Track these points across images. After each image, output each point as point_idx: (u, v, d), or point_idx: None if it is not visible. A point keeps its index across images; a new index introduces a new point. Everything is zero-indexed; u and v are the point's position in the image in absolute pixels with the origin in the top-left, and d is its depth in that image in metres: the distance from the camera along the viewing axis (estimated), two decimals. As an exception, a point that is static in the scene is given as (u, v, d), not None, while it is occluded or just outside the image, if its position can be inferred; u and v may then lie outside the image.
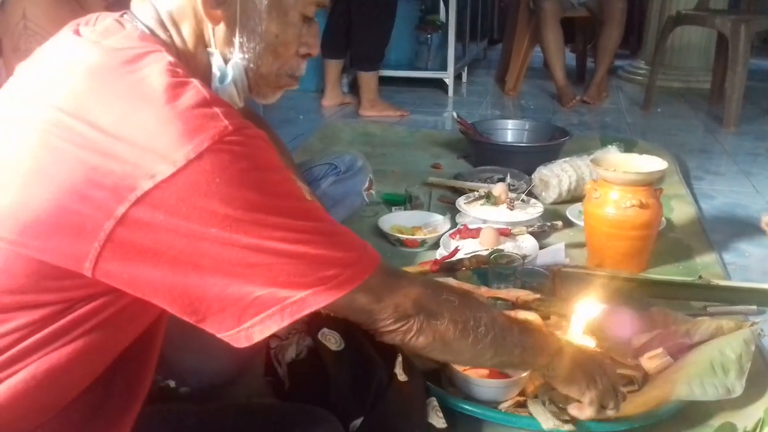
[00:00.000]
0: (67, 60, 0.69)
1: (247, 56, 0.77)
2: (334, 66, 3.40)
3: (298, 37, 0.79)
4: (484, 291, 1.39)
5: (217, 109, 0.64)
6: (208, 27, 0.75)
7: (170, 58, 0.68)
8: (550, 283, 1.48)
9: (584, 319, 1.20)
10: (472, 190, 2.04)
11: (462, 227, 1.76)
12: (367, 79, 3.30)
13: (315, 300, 0.68)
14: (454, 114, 2.59)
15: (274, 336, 1.23)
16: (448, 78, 3.82)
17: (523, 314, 1.29)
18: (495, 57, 4.77)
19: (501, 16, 5.50)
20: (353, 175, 1.72)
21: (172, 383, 1.18)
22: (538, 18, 3.59)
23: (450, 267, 1.56)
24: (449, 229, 1.79)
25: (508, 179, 2.11)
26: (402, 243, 1.77)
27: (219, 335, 0.69)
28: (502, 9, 5.54)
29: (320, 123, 3.14)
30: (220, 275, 0.65)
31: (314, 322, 1.22)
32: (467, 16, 4.39)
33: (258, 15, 0.75)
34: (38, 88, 0.68)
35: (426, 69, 3.97)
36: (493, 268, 1.51)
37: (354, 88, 3.59)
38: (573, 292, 1.39)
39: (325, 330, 1.17)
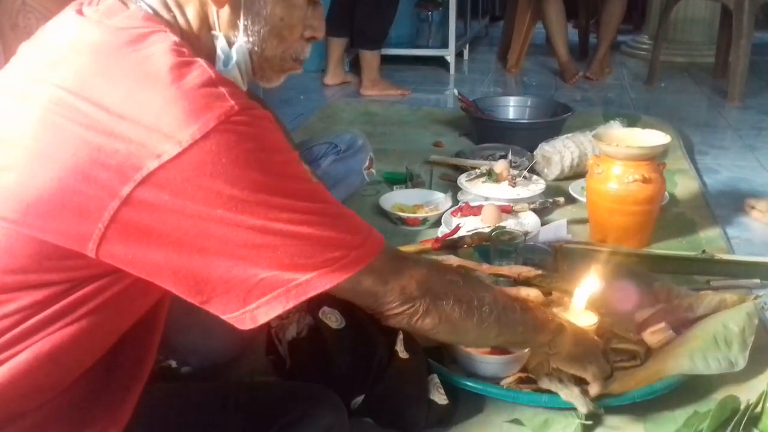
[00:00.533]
0: (71, 39, 0.68)
1: (251, 39, 0.76)
2: (337, 44, 3.37)
3: (303, 20, 0.79)
4: (485, 268, 1.39)
5: (223, 89, 0.64)
6: (212, 9, 0.74)
7: (175, 38, 0.67)
8: (553, 260, 1.48)
9: (587, 295, 1.19)
10: (473, 168, 2.03)
11: (463, 205, 1.75)
12: (369, 59, 3.27)
13: (320, 282, 0.68)
14: (455, 92, 2.57)
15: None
16: (450, 56, 3.79)
17: (525, 291, 1.28)
18: (497, 34, 4.72)
19: (502, -8, 5.44)
20: (353, 154, 1.71)
21: (173, 363, 1.19)
22: (540, -6, 3.55)
23: (452, 244, 1.55)
24: (451, 207, 1.78)
25: (510, 156, 2.09)
26: (403, 221, 1.77)
27: (224, 317, 0.69)
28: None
29: (321, 103, 3.12)
30: (225, 257, 0.65)
31: (315, 300, 1.22)
32: (468, -8, 4.35)
33: None
34: (41, 67, 0.67)
35: (427, 47, 3.93)
36: (494, 245, 1.50)
37: (355, 67, 3.56)
38: (575, 267, 1.38)
39: (325, 308, 1.16)
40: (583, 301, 1.18)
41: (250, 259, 0.65)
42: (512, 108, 2.61)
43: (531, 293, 1.27)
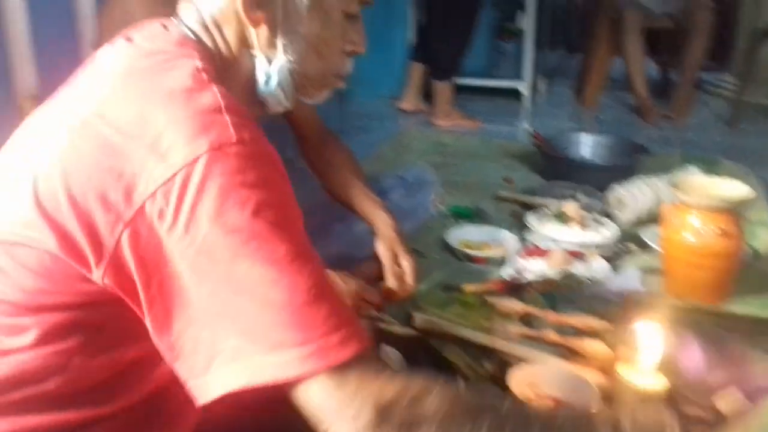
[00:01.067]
0: (109, 65, 0.71)
1: (291, 58, 0.76)
2: (418, 69, 3.40)
3: (342, 35, 0.79)
4: (550, 316, 1.36)
5: (228, 117, 0.63)
6: (250, 30, 0.74)
7: (198, 64, 0.68)
8: (622, 311, 1.43)
9: (656, 353, 1.14)
10: (543, 207, 2.00)
11: (531, 246, 1.72)
12: (442, 89, 3.29)
13: (277, 371, 0.60)
14: (528, 127, 2.54)
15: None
16: (525, 88, 3.76)
17: (590, 343, 1.25)
18: (574, 67, 4.67)
19: (581, 24, 5.36)
20: (421, 189, 1.71)
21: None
22: (619, 28, 3.49)
23: (516, 288, 1.52)
24: (518, 247, 1.76)
25: (582, 197, 2.05)
26: (468, 259, 1.75)
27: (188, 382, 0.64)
28: (582, 18, 5.41)
29: (394, 131, 3.15)
30: (192, 309, 0.62)
31: (375, 338, 1.22)
32: (546, 24, 4.31)
33: (299, 16, 0.74)
34: (80, 92, 0.70)
35: (502, 78, 3.92)
36: (561, 292, 1.47)
37: (429, 96, 3.59)
38: (646, 321, 1.33)
39: (385, 347, 1.16)
40: (652, 360, 1.14)
41: (213, 316, 0.61)
42: (586, 146, 2.56)
43: (596, 347, 1.24)
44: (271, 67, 0.76)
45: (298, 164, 1.57)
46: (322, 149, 1.50)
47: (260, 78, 0.76)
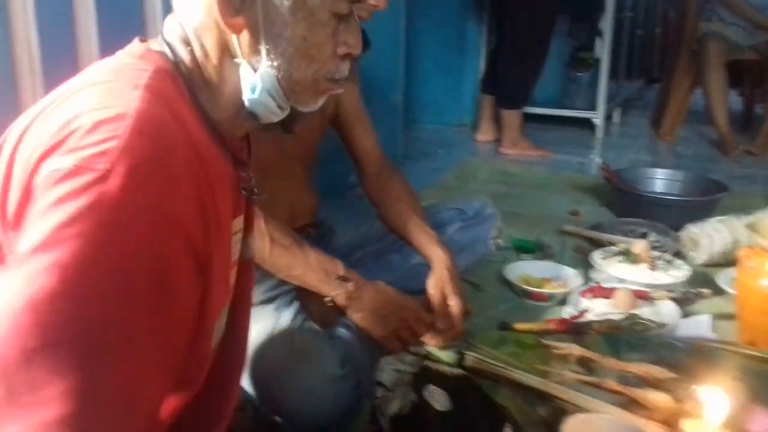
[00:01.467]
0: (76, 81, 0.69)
1: (276, 63, 0.71)
2: (489, 101, 3.37)
3: (332, 37, 0.73)
4: (611, 362, 1.28)
5: (123, 142, 0.58)
6: (232, 37, 0.71)
7: (143, 81, 0.65)
8: (691, 360, 1.33)
9: (725, 411, 1.06)
10: (610, 244, 1.92)
11: (595, 285, 1.65)
12: (510, 117, 3.23)
13: None
14: (599, 158, 2.46)
15: (380, 385, 1.21)
16: (598, 118, 3.66)
17: (653, 395, 1.16)
18: (651, 98, 4.52)
19: (661, 54, 5.21)
20: (481, 222, 1.66)
21: (278, 419, 1.19)
22: (701, 59, 3.35)
23: (577, 329, 1.45)
24: (581, 286, 1.68)
25: (653, 235, 1.95)
26: (527, 295, 1.69)
27: None
28: (662, 47, 5.25)
29: (459, 159, 3.11)
30: None
31: (421, 376, 1.18)
32: (623, 53, 4.20)
33: (282, 19, 0.70)
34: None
35: (574, 108, 3.83)
36: (625, 336, 1.39)
37: (497, 124, 3.54)
38: (716, 373, 1.24)
39: (431, 387, 1.12)
40: (718, 418, 1.05)
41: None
42: (660, 181, 2.46)
43: (660, 399, 1.16)
44: (257, 75, 0.72)
45: (358, 192, 1.56)
46: (380, 179, 1.48)
47: (245, 87, 0.72)
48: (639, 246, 1.77)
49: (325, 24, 0.72)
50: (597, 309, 1.53)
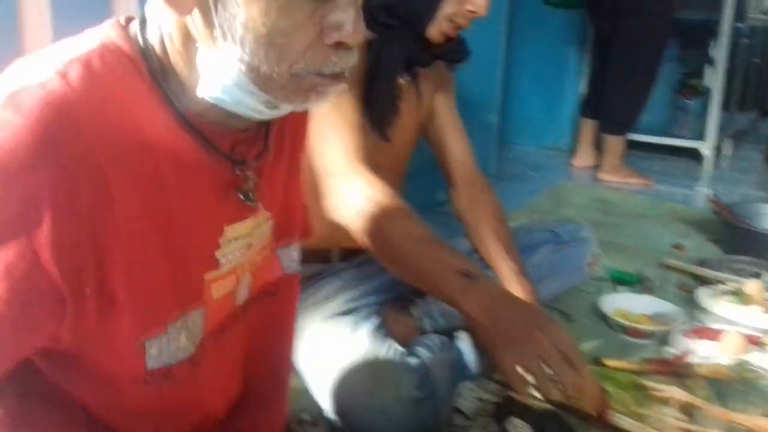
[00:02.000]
0: None
1: (237, 54, 0.58)
2: (589, 125, 3.23)
3: (307, 21, 0.58)
4: (718, 411, 1.15)
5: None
6: (188, 19, 0.60)
7: (66, 58, 0.58)
8: (809, 417, 1.19)
9: None
10: (718, 282, 1.77)
11: (700, 326, 1.51)
12: (613, 143, 3.09)
13: None
14: (707, 190, 2.29)
15: (458, 412, 1.13)
16: (707, 149, 3.44)
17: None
18: (766, 131, 4.23)
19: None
20: (575, 246, 1.56)
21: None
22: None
23: (679, 372, 1.32)
24: (684, 325, 1.54)
25: (767, 276, 1.78)
26: (625, 331, 1.56)
27: None
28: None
29: (554, 182, 2.99)
30: None
31: (504, 406, 1.10)
32: (737, 82, 3.94)
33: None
34: None
35: (681, 137, 3.61)
36: (733, 383, 1.25)
37: (598, 148, 3.38)
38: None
39: (515, 420, 1.04)
40: None
41: None
42: (776, 218, 2.26)
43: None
44: (216, 65, 0.60)
45: (446, 210, 1.50)
46: (471, 195, 1.41)
47: (202, 77, 0.61)
48: (752, 286, 1.62)
49: (293, 5, 0.57)
50: (702, 351, 1.40)
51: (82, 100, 0.56)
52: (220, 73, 0.60)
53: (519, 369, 0.86)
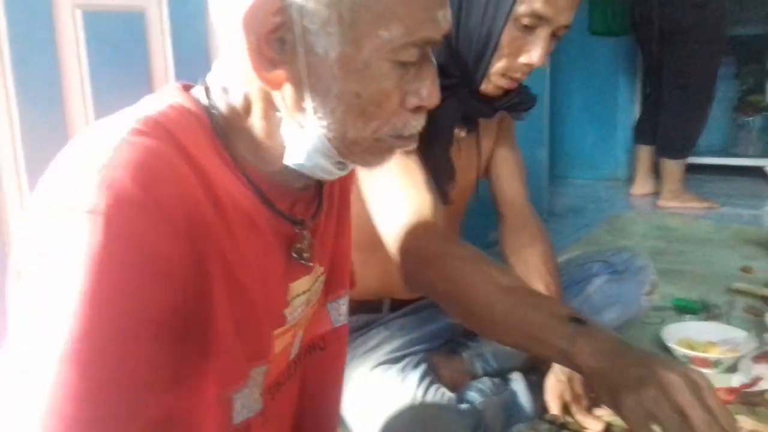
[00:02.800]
0: None
1: (324, 122, 0.60)
2: (646, 151, 3.16)
3: (396, 89, 0.61)
4: (792, 441, 1.08)
5: (102, 175, 0.52)
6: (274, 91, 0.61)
7: (140, 116, 0.58)
8: None
9: None
10: (791, 304, 1.67)
11: (771, 350, 1.42)
12: (672, 168, 3.00)
13: None
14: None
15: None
16: (772, 167, 3.31)
17: None
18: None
19: None
20: (631, 276, 1.50)
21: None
22: None
23: (748, 400, 1.25)
24: (754, 351, 1.46)
25: None
26: (691, 361, 1.49)
27: None
28: None
29: (611, 214, 2.92)
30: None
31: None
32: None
33: (330, 72, 0.58)
34: None
35: (744, 156, 3.49)
36: (811, 411, 1.17)
37: (656, 175, 3.30)
38: None
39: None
40: None
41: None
42: None
43: None
44: (302, 135, 0.62)
45: (497, 250, 1.47)
46: (520, 238, 1.36)
47: (289, 146, 0.63)
48: (827, 306, 1.52)
49: (387, 76, 0.60)
50: (774, 378, 1.32)
51: (167, 155, 0.57)
52: (305, 142, 0.62)
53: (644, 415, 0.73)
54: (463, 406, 1.16)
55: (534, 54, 1.07)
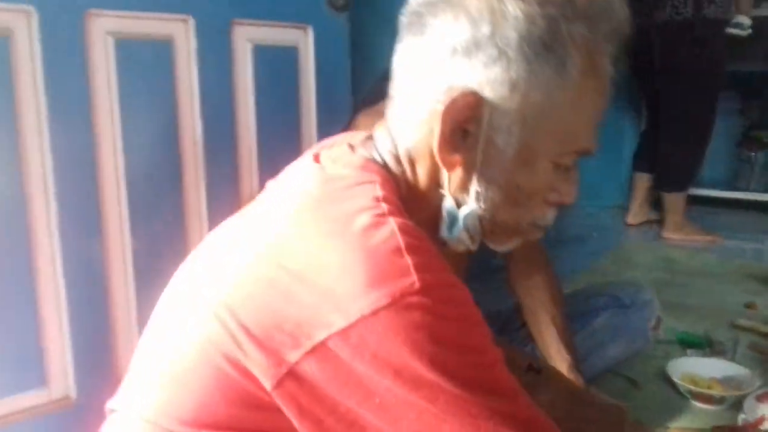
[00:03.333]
0: (294, 184, 0.69)
1: (483, 206, 0.68)
2: (643, 180, 3.18)
3: (548, 186, 0.69)
4: (797, 482, 1.09)
5: (409, 260, 0.57)
6: (443, 171, 0.68)
7: (379, 192, 0.63)
8: None
9: None
10: (794, 342, 1.69)
11: (775, 389, 1.44)
12: (673, 200, 3.02)
13: None
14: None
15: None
16: (776, 201, 3.34)
17: None
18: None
19: None
20: (637, 310, 1.52)
21: None
22: None
23: (753, 439, 1.26)
24: (758, 389, 1.48)
25: None
26: (694, 397, 1.50)
27: None
28: None
29: (615, 242, 2.94)
30: None
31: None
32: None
33: (502, 165, 0.66)
34: (264, 212, 0.69)
35: (747, 190, 3.52)
36: (814, 452, 1.19)
37: (658, 205, 3.32)
38: None
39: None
40: None
41: None
42: None
43: None
44: (460, 212, 0.69)
45: (503, 276, 1.50)
46: (528, 268, 1.38)
47: (445, 220, 0.70)
48: (830, 346, 1.54)
49: (546, 174, 0.68)
50: (778, 417, 1.33)
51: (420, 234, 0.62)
52: (463, 219, 0.69)
53: None
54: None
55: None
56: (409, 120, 0.68)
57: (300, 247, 0.61)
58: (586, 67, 0.64)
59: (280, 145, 1.36)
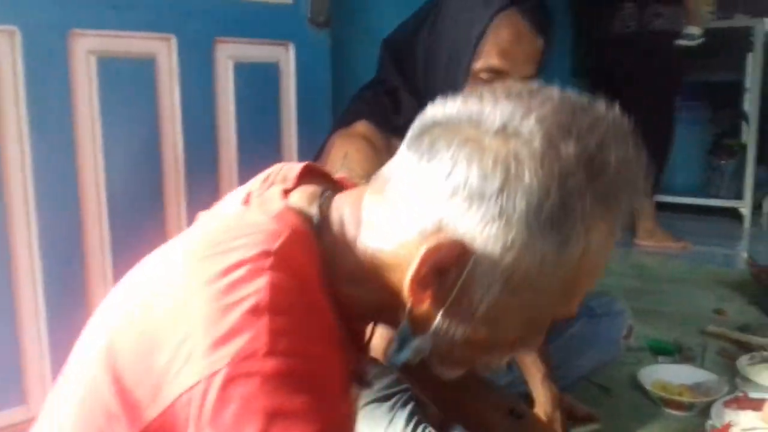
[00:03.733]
0: (200, 230, 0.66)
1: (440, 342, 0.62)
2: None
3: (514, 341, 0.64)
4: (760, 487, 1.14)
5: (267, 320, 0.53)
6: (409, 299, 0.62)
7: (274, 246, 0.58)
8: None
9: None
10: (761, 348, 1.74)
11: (741, 395, 1.49)
12: (642, 206, 3.09)
13: None
14: (745, 253, 2.28)
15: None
16: (745, 208, 3.42)
17: None
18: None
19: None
20: (609, 320, 1.56)
21: None
22: None
23: (720, 445, 1.31)
24: (725, 395, 1.53)
25: (811, 340, 1.75)
26: (664, 403, 1.55)
27: None
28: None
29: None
30: None
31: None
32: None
33: (470, 315, 0.60)
34: (171, 249, 0.66)
35: (717, 197, 3.60)
36: (777, 457, 1.23)
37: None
38: None
39: None
40: None
41: None
42: (819, 279, 2.22)
43: None
44: (414, 341, 0.63)
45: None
46: None
47: (395, 341, 0.65)
48: (794, 352, 1.60)
49: (514, 331, 0.63)
50: (743, 422, 1.38)
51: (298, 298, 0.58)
52: (412, 349, 0.64)
53: None
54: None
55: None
56: (387, 231, 0.62)
57: (174, 295, 0.58)
58: (588, 248, 0.58)
59: (261, 161, 1.36)
